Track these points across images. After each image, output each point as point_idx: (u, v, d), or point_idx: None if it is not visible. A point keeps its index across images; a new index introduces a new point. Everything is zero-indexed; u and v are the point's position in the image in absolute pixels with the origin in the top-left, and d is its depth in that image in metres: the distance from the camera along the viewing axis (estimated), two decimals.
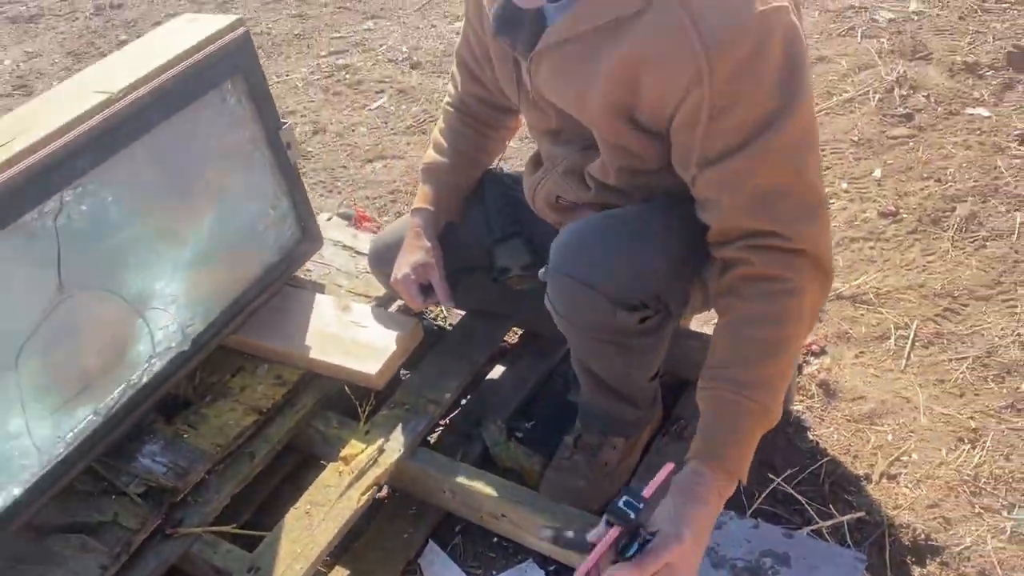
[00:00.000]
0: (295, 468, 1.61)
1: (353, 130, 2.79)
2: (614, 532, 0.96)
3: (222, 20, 1.53)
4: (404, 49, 3.23)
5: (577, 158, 1.30)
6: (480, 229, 1.53)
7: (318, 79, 3.13)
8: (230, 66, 1.50)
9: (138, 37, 3.57)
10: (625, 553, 0.97)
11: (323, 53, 3.34)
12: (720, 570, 1.22)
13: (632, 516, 0.95)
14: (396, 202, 2.41)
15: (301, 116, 2.91)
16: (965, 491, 1.40)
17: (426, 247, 1.48)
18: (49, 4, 4.33)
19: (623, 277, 1.21)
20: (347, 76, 3.11)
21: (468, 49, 1.45)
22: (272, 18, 3.71)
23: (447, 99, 1.56)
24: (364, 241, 1.91)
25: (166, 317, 1.49)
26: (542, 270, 1.27)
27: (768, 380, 1.08)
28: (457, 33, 3.26)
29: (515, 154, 2.42)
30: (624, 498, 0.96)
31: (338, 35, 3.46)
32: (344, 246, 1.90)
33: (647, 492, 0.96)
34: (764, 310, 1.07)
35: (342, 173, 2.58)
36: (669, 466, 0.99)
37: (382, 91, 2.98)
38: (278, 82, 3.18)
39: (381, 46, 3.30)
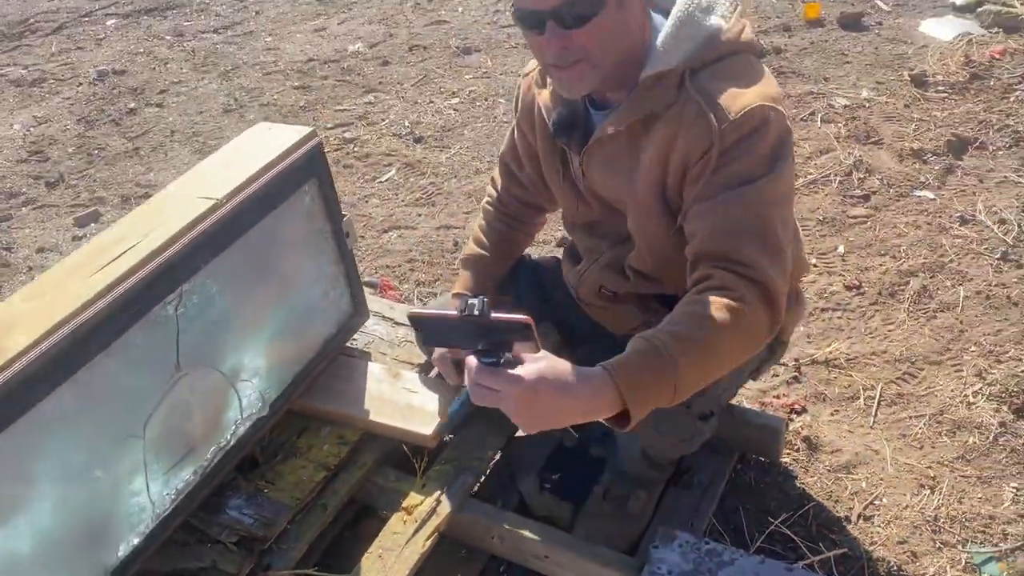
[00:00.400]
0: (352, 518, 1.84)
1: (366, 201, 3.05)
2: (454, 315, 1.09)
3: (298, 131, 1.79)
4: (407, 123, 3.50)
5: (616, 251, 1.59)
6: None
7: (329, 152, 3.37)
8: (309, 171, 1.75)
9: (146, 105, 3.81)
10: (482, 360, 1.11)
11: (329, 125, 3.60)
12: None
13: (475, 312, 1.07)
14: (414, 271, 2.67)
15: None
16: (927, 529, 1.69)
17: None
18: (51, 68, 4.53)
19: (704, 401, 1.51)
20: (355, 149, 3.37)
21: (512, 153, 1.73)
22: (276, 89, 3.97)
23: (487, 199, 1.83)
24: (399, 312, 2.16)
25: (250, 387, 1.72)
26: None
27: (693, 348, 1.19)
28: (454, 109, 3.58)
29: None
30: (480, 301, 1.08)
31: (341, 108, 3.73)
32: (384, 317, 2.15)
33: (494, 314, 1.08)
34: (713, 300, 1.24)
35: (360, 243, 2.83)
36: (527, 318, 1.08)
37: (390, 164, 3.25)
38: None
39: (383, 120, 3.57)
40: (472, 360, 1.12)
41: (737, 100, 1.32)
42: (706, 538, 1.62)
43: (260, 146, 1.75)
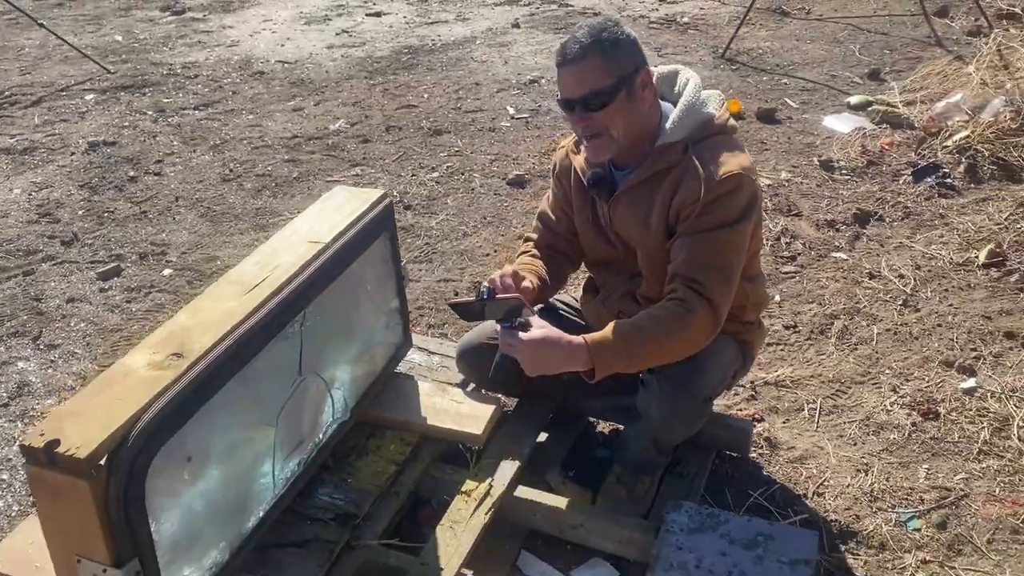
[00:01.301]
0: (411, 506, 2.23)
1: None
2: (473, 299, 1.89)
3: (373, 193, 2.24)
4: (395, 193, 3.96)
5: (628, 285, 2.09)
6: None
7: None
8: (384, 224, 2.20)
9: (145, 174, 4.16)
10: (502, 325, 1.84)
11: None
12: (733, 544, 1.95)
13: (484, 296, 1.87)
14: (424, 316, 3.09)
15: None
16: (865, 500, 2.20)
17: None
18: (39, 138, 4.82)
19: (703, 387, 2.01)
20: None
21: (548, 205, 2.21)
22: (267, 161, 4.38)
23: (524, 247, 2.29)
24: (431, 343, 2.60)
25: (339, 395, 2.12)
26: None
27: (642, 337, 1.82)
28: (436, 182, 4.07)
29: None
30: (486, 288, 1.88)
31: (332, 179, 4.16)
32: (419, 348, 2.58)
33: (497, 296, 1.87)
34: (664, 311, 1.85)
35: None
36: (518, 296, 1.88)
37: None
38: (291, 218, 3.81)
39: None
40: (496, 326, 1.86)
41: (722, 167, 1.87)
42: (705, 505, 2.10)
43: (345, 203, 2.20)
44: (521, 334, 1.82)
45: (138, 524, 1.53)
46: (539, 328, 1.83)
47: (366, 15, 7.04)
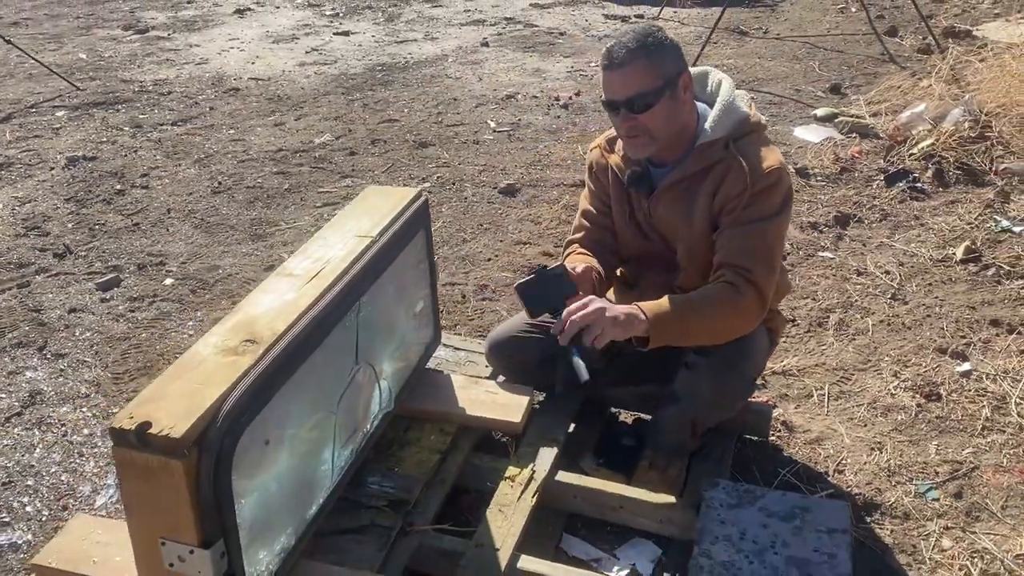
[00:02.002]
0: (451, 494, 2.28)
1: None
2: (532, 276, 1.99)
3: (410, 191, 2.30)
4: None
5: (663, 277, 2.18)
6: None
7: None
8: (422, 220, 2.26)
9: (132, 187, 4.15)
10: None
11: (318, 204, 4.06)
12: (771, 517, 2.04)
13: (537, 272, 1.98)
14: None
15: None
16: (883, 475, 2.33)
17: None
18: (13, 154, 4.76)
19: (752, 366, 2.13)
20: None
21: (589, 204, 2.29)
22: (256, 174, 4.40)
23: (570, 248, 2.29)
24: (455, 340, 2.66)
25: (385, 385, 2.17)
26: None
27: (697, 313, 1.93)
28: (428, 192, 4.14)
29: None
30: (540, 267, 1.99)
31: (323, 190, 4.20)
32: (444, 344, 2.63)
33: (546, 269, 1.99)
34: (716, 291, 1.96)
35: None
36: (561, 265, 2.00)
37: None
38: (289, 228, 3.85)
39: None
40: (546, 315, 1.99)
41: (764, 161, 1.99)
42: (740, 481, 2.19)
43: (383, 200, 2.26)
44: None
45: (225, 505, 1.56)
46: (596, 299, 1.94)
47: (334, 34, 7.09)
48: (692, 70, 2.13)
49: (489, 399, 2.34)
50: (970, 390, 2.63)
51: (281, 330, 1.73)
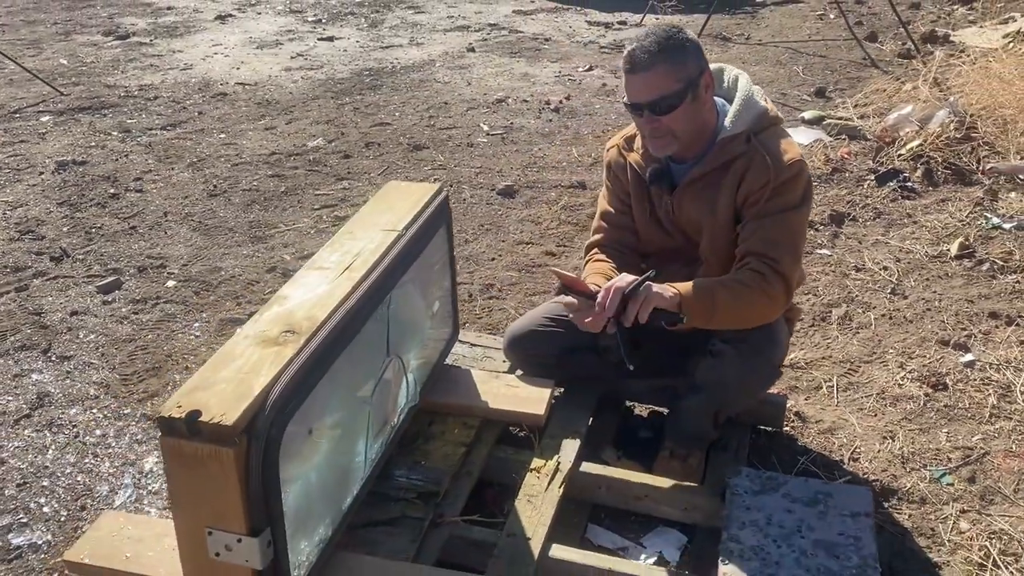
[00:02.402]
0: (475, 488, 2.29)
1: None
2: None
3: (431, 187, 2.31)
4: None
5: (685, 271, 2.21)
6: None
7: (325, 227, 3.84)
8: (443, 214, 2.28)
9: (126, 191, 4.11)
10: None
11: (316, 206, 4.05)
12: (795, 503, 2.08)
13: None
14: None
15: None
16: (898, 462, 2.38)
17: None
18: (1, 159, 4.69)
19: (780, 352, 2.17)
20: None
21: (608, 204, 2.31)
22: (251, 177, 4.38)
23: (590, 254, 2.31)
24: (470, 336, 2.68)
25: (412, 379, 2.17)
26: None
27: (727, 297, 1.95)
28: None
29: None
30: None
31: (321, 192, 4.20)
32: (460, 341, 2.65)
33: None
34: (745, 277, 1.99)
35: None
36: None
37: None
38: (288, 230, 3.84)
39: (364, 202, 4.07)
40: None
41: (786, 154, 2.03)
42: (762, 469, 2.23)
43: (405, 195, 2.27)
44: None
45: (273, 494, 1.56)
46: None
47: (318, 40, 7.08)
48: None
49: (511, 392, 2.36)
50: (975, 379, 2.70)
51: (320, 320, 1.73)
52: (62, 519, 2.28)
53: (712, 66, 2.20)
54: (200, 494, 1.56)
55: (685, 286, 1.97)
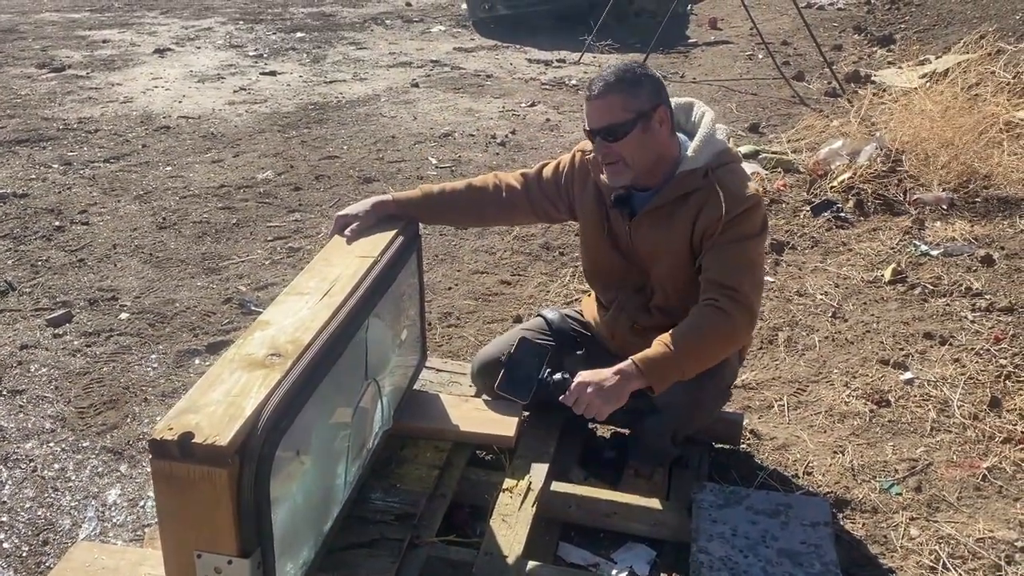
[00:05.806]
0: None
1: None
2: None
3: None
4: None
5: (636, 298, 2.31)
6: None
7: (280, 258, 3.84)
8: (415, 240, 2.33)
9: (71, 223, 4.06)
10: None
11: (268, 238, 4.05)
12: (758, 515, 2.17)
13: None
14: None
15: (282, 286, 3.59)
16: (849, 474, 2.50)
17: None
18: None
19: (729, 374, 2.27)
20: (305, 256, 3.85)
21: (546, 175, 2.37)
22: (201, 209, 4.36)
23: (515, 174, 2.40)
24: (436, 362, 2.73)
25: (385, 403, 2.21)
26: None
27: (691, 347, 2.01)
28: None
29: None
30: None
31: (272, 224, 4.20)
32: (426, 367, 2.69)
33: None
34: (708, 315, 2.07)
35: None
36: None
37: None
38: (242, 262, 3.83)
39: (318, 234, 4.09)
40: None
41: (741, 189, 2.14)
42: (725, 484, 2.32)
43: (383, 225, 2.31)
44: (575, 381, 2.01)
45: (264, 514, 1.58)
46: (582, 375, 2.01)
47: (261, 74, 7.09)
48: (678, 100, 2.28)
49: (481, 416, 2.41)
50: (915, 396, 2.85)
51: (306, 343, 1.77)
52: (23, 554, 2.24)
53: (682, 100, 2.31)
54: (190, 517, 1.56)
55: (646, 357, 2.01)
